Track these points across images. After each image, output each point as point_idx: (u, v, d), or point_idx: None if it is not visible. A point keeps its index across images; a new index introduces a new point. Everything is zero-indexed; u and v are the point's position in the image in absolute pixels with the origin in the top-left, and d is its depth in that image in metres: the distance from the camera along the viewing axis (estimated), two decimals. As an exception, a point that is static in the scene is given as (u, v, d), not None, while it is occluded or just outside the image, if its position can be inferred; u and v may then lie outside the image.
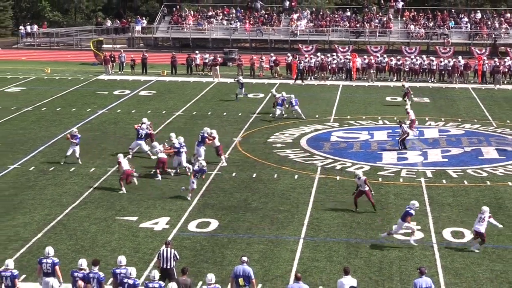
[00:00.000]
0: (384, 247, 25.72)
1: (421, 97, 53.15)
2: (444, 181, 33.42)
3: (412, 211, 25.97)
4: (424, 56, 61.76)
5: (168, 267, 21.70)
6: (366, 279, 23.03)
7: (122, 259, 20.85)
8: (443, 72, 60.20)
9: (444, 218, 28.60)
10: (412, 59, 61.62)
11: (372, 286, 22.59)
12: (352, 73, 60.27)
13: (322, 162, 36.24)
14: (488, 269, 23.99)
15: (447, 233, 26.99)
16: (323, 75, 59.37)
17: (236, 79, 52.87)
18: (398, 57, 62.19)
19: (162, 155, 33.44)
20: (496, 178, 33.84)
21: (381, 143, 40.02)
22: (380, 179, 33.26)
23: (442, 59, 61.42)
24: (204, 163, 31.25)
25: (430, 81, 59.57)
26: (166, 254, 21.79)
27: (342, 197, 30.49)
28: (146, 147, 36.38)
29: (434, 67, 60.03)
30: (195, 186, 30.50)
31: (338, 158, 36.80)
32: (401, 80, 57.73)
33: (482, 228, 25.17)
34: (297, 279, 19.98)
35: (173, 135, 34.95)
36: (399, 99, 52.02)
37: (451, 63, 59.57)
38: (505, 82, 58.85)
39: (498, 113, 48.00)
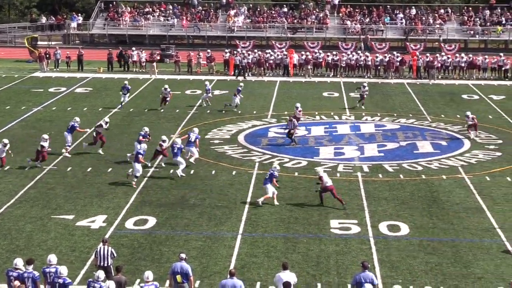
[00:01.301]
0: (321, 241, 25.89)
1: (358, 92, 53.59)
2: (380, 175, 33.78)
3: (276, 173, 29.42)
4: (360, 51, 62.31)
5: (105, 265, 21.51)
6: (304, 273, 23.15)
7: (52, 257, 20.54)
8: (379, 67, 60.88)
9: (380, 212, 28.90)
10: (348, 54, 62.17)
11: (310, 281, 22.71)
12: (289, 69, 60.55)
13: (260, 158, 36.33)
14: (424, 262, 24.31)
15: (383, 227, 27.27)
16: (260, 71, 59.50)
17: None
18: (335, 53, 62.64)
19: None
20: (431, 171, 34.32)
21: (318, 138, 40.27)
22: (296, 173, 33.44)
23: (377, 55, 62.06)
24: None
25: (366, 77, 60.15)
26: (103, 252, 21.62)
27: (280, 193, 30.58)
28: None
29: (370, 63, 60.65)
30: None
31: (276, 154, 36.93)
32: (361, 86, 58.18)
33: None
34: (231, 274, 19.98)
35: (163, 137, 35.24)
36: (336, 94, 52.40)
37: (387, 59, 60.24)
38: (439, 77, 59.72)
39: (432, 107, 48.69)
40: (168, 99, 46.63)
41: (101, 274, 19.75)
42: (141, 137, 34.92)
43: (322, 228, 27.06)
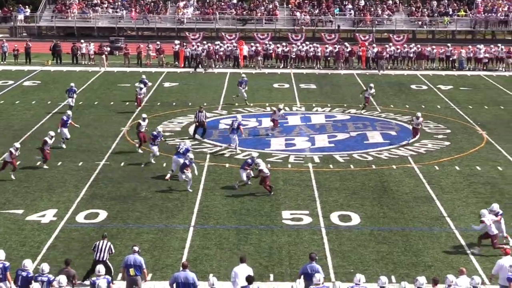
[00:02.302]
0: (273, 232, 25.97)
1: (308, 83, 53.86)
2: (331, 166, 33.97)
3: (250, 160, 30.22)
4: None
5: (102, 259, 21.38)
6: (256, 264, 23.19)
7: (1, 253, 20.28)
8: (329, 58, 61.18)
9: (332, 202, 29.08)
10: (298, 46, 62.33)
11: (262, 272, 22.76)
12: (240, 60, 60.54)
13: (211, 150, 36.28)
14: (374, 251, 24.53)
15: (334, 217, 27.45)
16: (210, 62, 59.35)
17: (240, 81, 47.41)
18: (284, 44, 62.74)
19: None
20: (381, 161, 34.61)
21: (269, 129, 40.32)
22: (268, 165, 33.49)
23: (327, 46, 62.32)
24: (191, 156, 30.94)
25: (316, 68, 60.40)
26: (101, 246, 21.58)
27: (232, 185, 30.59)
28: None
29: (320, 54, 60.90)
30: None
31: (227, 145, 36.87)
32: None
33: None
34: (183, 267, 19.96)
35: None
36: (287, 85, 52.53)
37: (336, 50, 60.52)
38: (389, 67, 60.21)
39: (382, 98, 49.06)
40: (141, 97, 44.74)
41: (45, 266, 19.59)
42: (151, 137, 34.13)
43: (274, 219, 27.14)
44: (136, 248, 20.97)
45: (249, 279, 19.20)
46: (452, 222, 26.99)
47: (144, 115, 36.40)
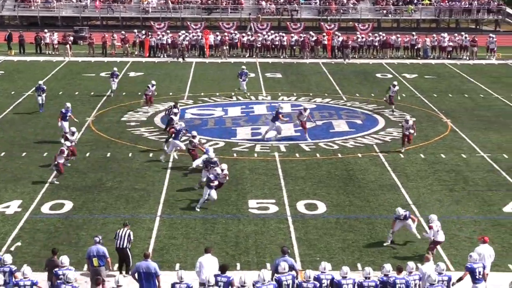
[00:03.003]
0: (240, 222, 26.00)
1: (274, 72, 53.89)
2: (297, 155, 34.04)
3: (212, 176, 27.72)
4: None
5: (122, 246, 21.67)
6: (223, 254, 23.21)
7: None
8: (294, 47, 61.25)
9: (298, 191, 29.16)
10: (264, 35, 62.29)
11: (229, 261, 22.75)
12: (205, 50, 60.39)
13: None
14: (341, 239, 24.65)
15: (300, 206, 27.54)
16: (175, 52, 59.10)
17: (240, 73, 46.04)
18: (249, 33, 62.65)
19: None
20: (347, 150, 34.75)
21: (235, 119, 40.34)
22: (235, 154, 33.53)
23: (292, 35, 62.38)
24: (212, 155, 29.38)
25: (281, 57, 60.43)
26: (122, 234, 21.77)
27: (198, 174, 30.55)
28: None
29: (285, 43, 60.94)
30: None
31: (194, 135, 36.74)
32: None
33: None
34: (145, 257, 19.91)
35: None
36: (252, 74, 52.50)
37: (302, 39, 60.60)
38: (354, 56, 60.40)
39: (347, 86, 49.25)
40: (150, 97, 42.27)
41: (7, 257, 19.46)
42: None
43: (240, 208, 27.16)
44: (97, 238, 20.88)
45: (223, 268, 19.26)
46: (417, 210, 27.20)
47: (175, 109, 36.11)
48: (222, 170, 27.95)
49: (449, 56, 60.75)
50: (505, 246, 24.24)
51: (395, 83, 42.39)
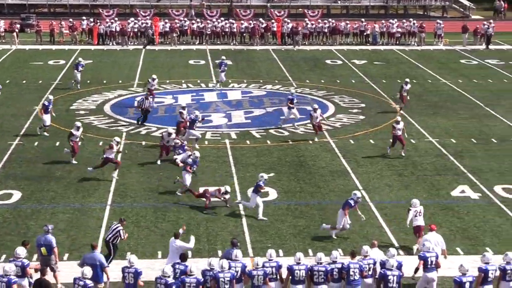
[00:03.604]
0: (191, 209, 25.95)
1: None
2: (248, 141, 34.07)
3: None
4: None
5: (107, 239, 21.49)
6: (174, 242, 23.14)
7: None
8: (244, 34, 61.17)
9: (249, 178, 29.18)
10: (214, 22, 62.07)
11: (181, 249, 22.73)
12: (155, 37, 59.98)
13: (127, 128, 35.96)
14: (292, 225, 24.75)
15: (252, 193, 27.53)
16: (124, 39, 58.61)
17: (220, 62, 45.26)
18: (199, 20, 62.39)
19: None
20: (297, 136, 34.85)
21: (186, 106, 40.11)
22: (185, 142, 33.38)
23: (242, 22, 62.29)
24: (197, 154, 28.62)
25: (232, 44, 60.32)
26: (112, 227, 21.63)
27: (148, 162, 30.40)
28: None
29: (235, 30, 60.84)
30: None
31: (143, 123, 36.57)
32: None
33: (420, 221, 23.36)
34: (92, 248, 19.77)
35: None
36: (202, 62, 52.31)
37: (252, 25, 60.54)
38: (304, 43, 60.52)
39: (297, 73, 49.36)
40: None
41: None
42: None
43: (191, 196, 27.05)
44: (46, 228, 20.64)
45: (183, 257, 19.32)
46: (367, 195, 27.42)
47: (183, 106, 35.36)
48: (195, 158, 27.71)
49: (397, 42, 61.20)
50: (453, 230, 24.59)
51: (407, 80, 39.94)
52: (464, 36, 60.78)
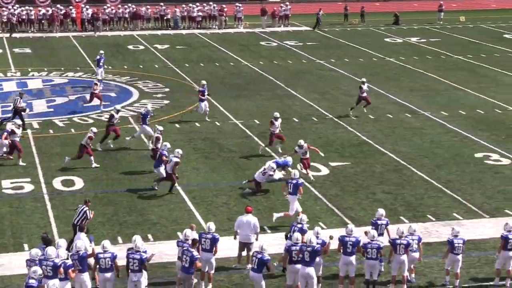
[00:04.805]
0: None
1: (22, 48, 52.23)
2: (51, 131, 33.32)
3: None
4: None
5: (74, 222, 21.48)
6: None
7: None
8: (43, 21, 59.62)
9: (53, 168, 28.60)
10: (10, 9, 59.99)
11: (-16, 245, 22.00)
12: None
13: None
14: (100, 213, 24.41)
15: (57, 183, 27.05)
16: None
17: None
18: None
19: None
20: (102, 124, 34.27)
21: (-17, 97, 38.82)
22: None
23: (40, 9, 60.67)
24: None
25: (30, 31, 58.63)
26: (78, 210, 21.74)
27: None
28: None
29: (33, 17, 59.19)
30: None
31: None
32: None
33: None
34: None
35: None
36: (0, 50, 50.65)
37: (50, 12, 59.09)
38: (105, 29, 59.73)
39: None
40: None
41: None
42: None
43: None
44: None
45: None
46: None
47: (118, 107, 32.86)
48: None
49: (199, 26, 61.67)
50: (260, 209, 25.03)
51: (364, 80, 36.85)
52: (263, 19, 62.16)
